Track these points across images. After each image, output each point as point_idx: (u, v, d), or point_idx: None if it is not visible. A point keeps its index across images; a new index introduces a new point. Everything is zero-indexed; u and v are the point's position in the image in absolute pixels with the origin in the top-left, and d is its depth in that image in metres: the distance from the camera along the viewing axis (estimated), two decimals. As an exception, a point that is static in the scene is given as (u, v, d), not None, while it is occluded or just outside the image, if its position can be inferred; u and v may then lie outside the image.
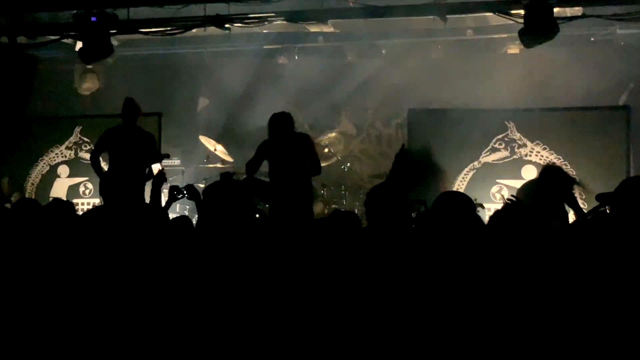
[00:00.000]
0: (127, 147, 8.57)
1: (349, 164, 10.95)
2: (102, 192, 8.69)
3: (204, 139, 11.36)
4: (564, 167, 9.23)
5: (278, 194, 7.89)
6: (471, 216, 4.37)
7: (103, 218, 4.82)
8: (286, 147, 8.14)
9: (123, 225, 4.74)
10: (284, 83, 12.14)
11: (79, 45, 9.85)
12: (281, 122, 8.17)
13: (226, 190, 4.67)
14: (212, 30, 10.25)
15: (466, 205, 4.44)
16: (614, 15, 8.99)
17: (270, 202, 8.00)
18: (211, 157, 11.54)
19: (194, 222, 5.20)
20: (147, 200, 7.10)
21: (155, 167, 9.12)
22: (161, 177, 6.01)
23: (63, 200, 5.49)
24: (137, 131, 8.79)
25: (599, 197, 4.34)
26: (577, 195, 8.67)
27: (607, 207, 4.39)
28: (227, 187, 4.75)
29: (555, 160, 9.23)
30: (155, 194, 5.87)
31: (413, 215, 5.37)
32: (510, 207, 4.28)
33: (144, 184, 8.66)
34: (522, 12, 8.51)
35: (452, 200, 4.49)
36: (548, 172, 7.71)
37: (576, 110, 9.89)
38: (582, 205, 8.69)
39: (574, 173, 9.31)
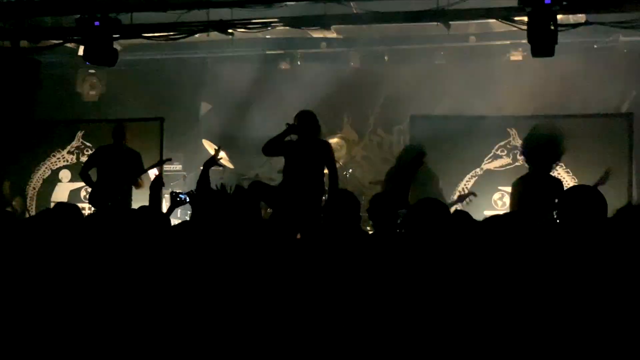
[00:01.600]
0: (115, 165, 9.36)
1: (350, 170, 10.95)
2: (92, 201, 9.42)
3: (206, 143, 11.36)
4: (566, 174, 9.27)
5: (286, 197, 7.78)
6: (444, 223, 4.38)
7: (105, 222, 4.83)
8: (306, 148, 8.03)
9: (125, 229, 4.73)
10: (286, 88, 12.13)
11: (82, 49, 9.87)
12: (310, 121, 8.05)
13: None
14: (215, 35, 10.26)
15: (439, 212, 4.45)
16: (618, 23, 8.97)
17: (275, 206, 7.93)
18: (213, 162, 11.52)
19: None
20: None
21: (152, 173, 9.27)
22: (158, 181, 6.04)
23: (68, 204, 5.48)
24: (125, 151, 9.52)
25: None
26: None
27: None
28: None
29: (557, 168, 9.22)
30: (154, 198, 5.87)
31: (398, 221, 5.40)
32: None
33: (130, 197, 9.49)
34: (525, 19, 8.50)
35: (426, 208, 4.49)
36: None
37: (579, 117, 9.89)
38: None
39: (576, 181, 9.33)
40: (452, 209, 8.78)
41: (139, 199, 9.27)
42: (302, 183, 7.86)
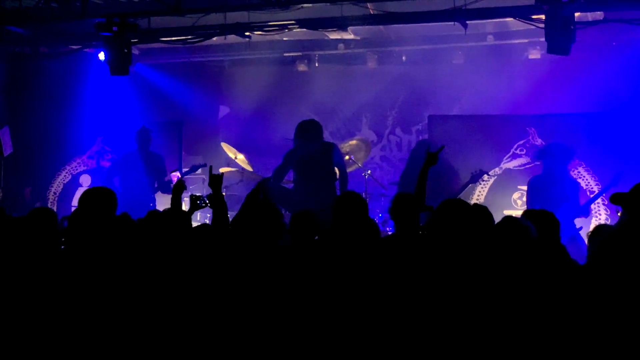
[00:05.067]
0: (139, 170, 9.61)
1: (369, 171, 10.94)
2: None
3: (225, 146, 11.39)
4: (586, 173, 9.22)
5: (301, 202, 7.86)
6: (473, 224, 4.37)
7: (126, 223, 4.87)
8: (312, 155, 8.12)
9: (146, 231, 4.76)
10: (304, 90, 12.14)
11: (101, 54, 9.93)
12: (309, 129, 8.17)
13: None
14: (232, 38, 10.29)
15: (466, 213, 4.44)
16: (637, 20, 8.91)
17: (292, 209, 7.97)
18: (232, 164, 11.56)
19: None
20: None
21: (175, 176, 9.33)
22: (180, 185, 6.04)
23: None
24: (149, 155, 9.77)
25: (613, 198, 4.30)
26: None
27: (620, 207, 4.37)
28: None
29: (577, 166, 9.20)
30: (176, 202, 5.89)
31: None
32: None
33: (154, 201, 9.66)
34: (542, 17, 8.46)
35: (453, 209, 4.49)
36: None
37: (598, 115, 9.82)
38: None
39: (597, 178, 9.28)
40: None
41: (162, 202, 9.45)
42: (314, 189, 7.93)
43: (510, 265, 3.83)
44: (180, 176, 9.49)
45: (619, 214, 4.60)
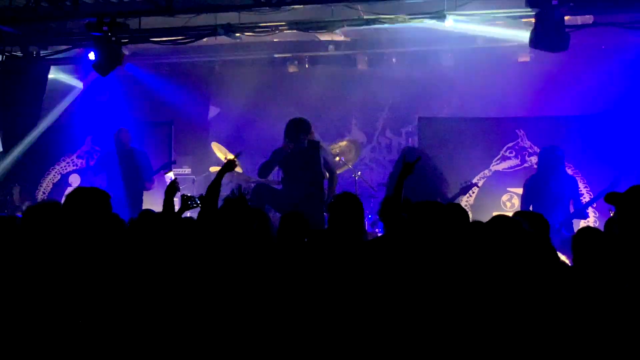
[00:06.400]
0: (122, 168, 9.86)
1: (359, 172, 10.96)
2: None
3: (215, 146, 11.38)
4: (576, 175, 9.25)
5: (290, 202, 7.88)
6: (443, 226, 4.39)
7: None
8: (300, 154, 8.15)
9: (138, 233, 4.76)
10: (294, 92, 12.15)
11: (92, 54, 9.91)
12: (298, 128, 8.20)
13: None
14: (222, 39, 10.28)
15: (439, 215, 4.45)
16: (627, 24, 8.94)
17: (281, 210, 7.99)
18: (221, 165, 11.53)
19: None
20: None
21: (168, 177, 9.37)
22: (173, 187, 6.02)
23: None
24: (131, 152, 9.99)
25: (608, 197, 4.30)
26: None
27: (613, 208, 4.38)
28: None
29: (566, 168, 9.24)
30: (168, 203, 5.88)
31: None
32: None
33: (141, 199, 9.82)
34: (532, 20, 8.48)
35: (426, 211, 4.50)
36: None
37: (586, 117, 9.87)
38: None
39: (585, 181, 9.33)
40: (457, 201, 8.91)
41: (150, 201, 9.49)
42: (302, 190, 7.96)
43: (497, 264, 3.85)
44: (173, 177, 9.51)
45: (611, 214, 4.63)
